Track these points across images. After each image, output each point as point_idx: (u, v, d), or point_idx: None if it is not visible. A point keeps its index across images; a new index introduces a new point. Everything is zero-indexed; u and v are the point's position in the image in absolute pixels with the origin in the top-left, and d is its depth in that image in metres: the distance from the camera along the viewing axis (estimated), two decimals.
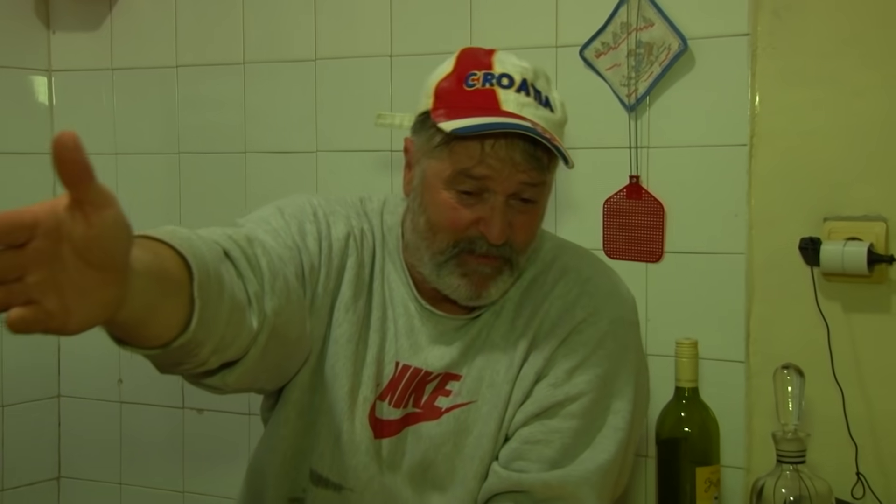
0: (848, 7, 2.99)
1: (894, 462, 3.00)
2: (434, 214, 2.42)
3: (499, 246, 2.42)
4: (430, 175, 2.41)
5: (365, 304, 2.53)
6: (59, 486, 4.09)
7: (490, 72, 2.42)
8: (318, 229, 2.48)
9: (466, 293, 2.43)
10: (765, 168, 3.11)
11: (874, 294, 3.00)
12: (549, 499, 2.43)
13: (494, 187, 2.37)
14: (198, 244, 1.87)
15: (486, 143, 2.33)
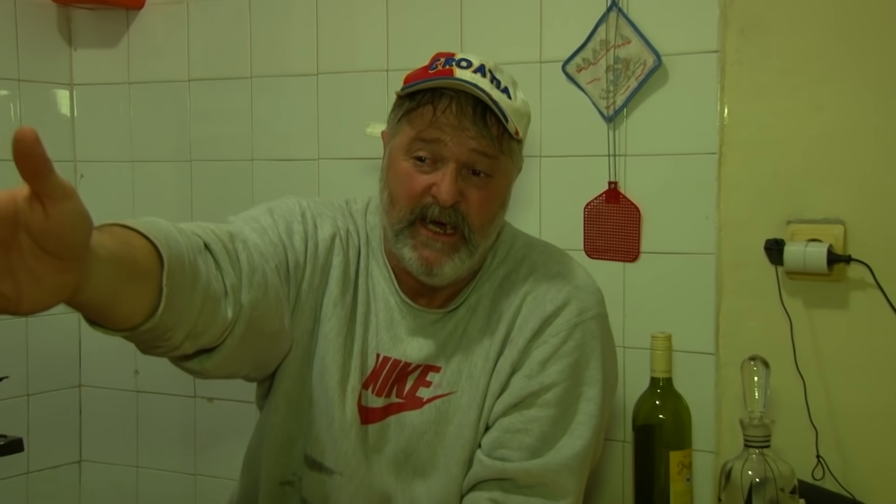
0: (808, 26, 3.01)
1: (852, 446, 3.01)
2: (394, 186, 2.48)
3: (449, 211, 2.42)
4: (393, 151, 2.50)
5: (351, 299, 2.55)
6: (81, 468, 4.10)
7: (451, 57, 2.49)
8: (305, 229, 2.51)
9: (417, 266, 2.45)
10: (733, 175, 3.13)
11: (833, 291, 3.01)
12: (532, 485, 2.46)
13: (446, 153, 2.41)
14: (174, 235, 1.89)
15: (438, 107, 2.40)
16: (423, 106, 2.43)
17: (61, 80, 4.01)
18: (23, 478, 3.91)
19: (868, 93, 2.97)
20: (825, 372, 3.04)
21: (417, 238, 2.45)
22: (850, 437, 3.03)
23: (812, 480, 2.99)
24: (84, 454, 4.13)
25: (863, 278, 2.98)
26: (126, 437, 4.07)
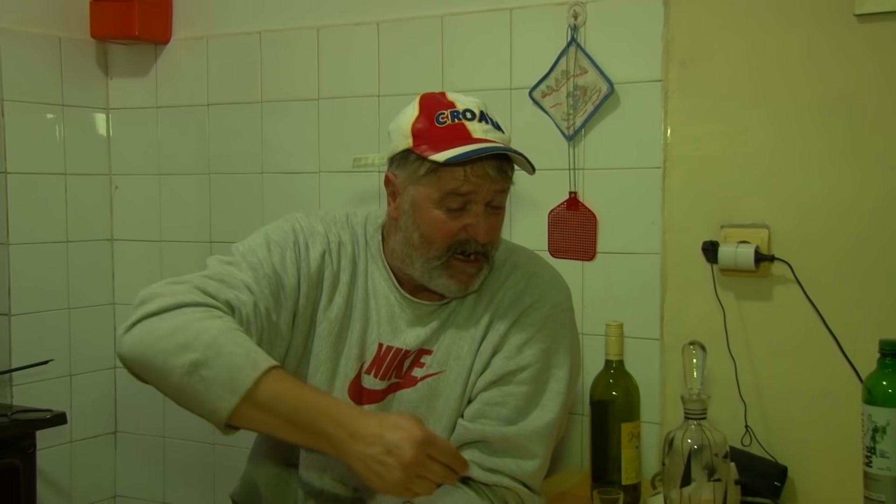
0: (737, 61, 3.05)
1: (775, 417, 3.05)
2: (427, 229, 2.46)
3: (484, 245, 2.48)
4: (419, 199, 2.45)
5: (345, 300, 2.56)
6: (116, 438, 4.15)
7: (455, 109, 2.46)
8: (297, 254, 2.52)
9: (456, 289, 2.50)
10: (675, 186, 3.16)
11: (759, 286, 3.05)
12: (506, 448, 2.49)
13: (475, 199, 2.43)
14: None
15: (467, 166, 2.39)
16: (455, 168, 2.41)
17: (99, 104, 4.04)
18: (66, 446, 3.94)
19: (788, 116, 3.01)
20: (753, 354, 3.08)
21: (454, 269, 2.48)
22: (774, 409, 3.07)
23: (741, 446, 3.03)
24: (119, 426, 4.17)
25: (784, 275, 3.01)
26: (154, 411, 4.06)
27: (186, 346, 2.18)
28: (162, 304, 2.26)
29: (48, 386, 3.84)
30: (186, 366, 2.17)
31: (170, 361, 2.19)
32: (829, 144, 2.98)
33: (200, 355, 2.17)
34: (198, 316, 2.24)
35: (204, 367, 2.17)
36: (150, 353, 2.22)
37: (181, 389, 2.20)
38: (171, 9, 3.96)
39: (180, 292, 2.30)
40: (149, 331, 2.23)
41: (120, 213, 4.11)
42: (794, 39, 3.00)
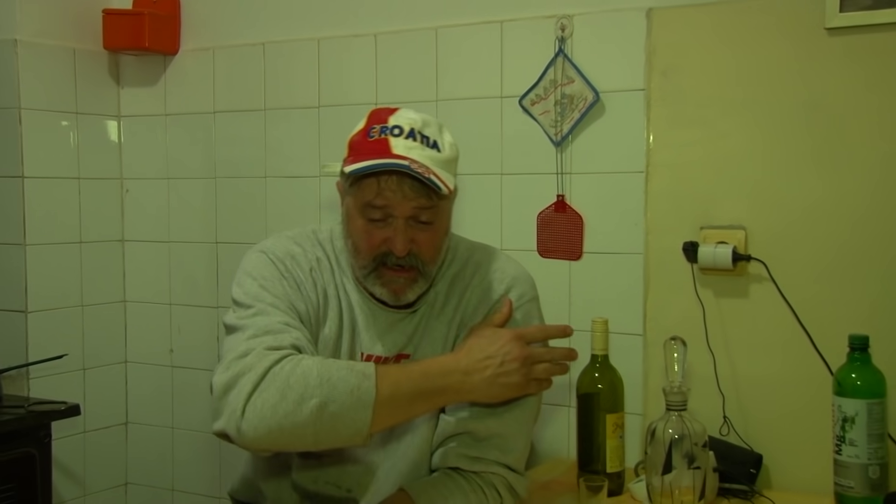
0: (714, 71, 3.07)
1: (751, 408, 3.07)
2: (355, 238, 2.48)
3: (405, 258, 2.44)
4: (349, 207, 2.48)
5: (336, 314, 2.55)
6: (127, 429, 4.18)
7: (385, 125, 2.44)
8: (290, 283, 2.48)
9: (388, 296, 2.49)
10: (657, 189, 3.17)
11: (737, 284, 3.07)
12: (489, 437, 2.51)
13: (394, 212, 2.40)
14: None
15: (381, 179, 2.37)
16: (369, 178, 2.40)
17: (111, 112, 4.06)
18: (80, 436, 3.97)
19: (763, 124, 3.03)
20: (730, 349, 3.10)
21: (383, 277, 2.47)
22: (750, 401, 3.08)
23: (720, 436, 3.05)
24: (130, 417, 4.19)
25: (760, 273, 3.02)
26: (163, 403, 4.12)
27: (302, 397, 2.18)
28: (253, 379, 2.21)
29: (63, 379, 3.86)
30: (314, 412, 2.18)
31: (298, 419, 2.18)
32: (801, 150, 2.99)
33: (320, 397, 2.19)
34: (288, 368, 2.22)
35: (329, 405, 2.19)
36: (275, 423, 2.18)
37: (318, 433, 2.21)
38: (180, 22, 3.98)
39: (256, 361, 2.25)
40: (261, 406, 2.19)
41: (130, 215, 4.14)
42: (768, 51, 3.02)
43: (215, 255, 3.99)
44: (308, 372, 2.21)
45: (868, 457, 2.66)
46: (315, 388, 2.19)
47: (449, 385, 2.38)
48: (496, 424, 2.52)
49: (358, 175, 2.39)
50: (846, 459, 2.68)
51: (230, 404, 2.22)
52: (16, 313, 3.78)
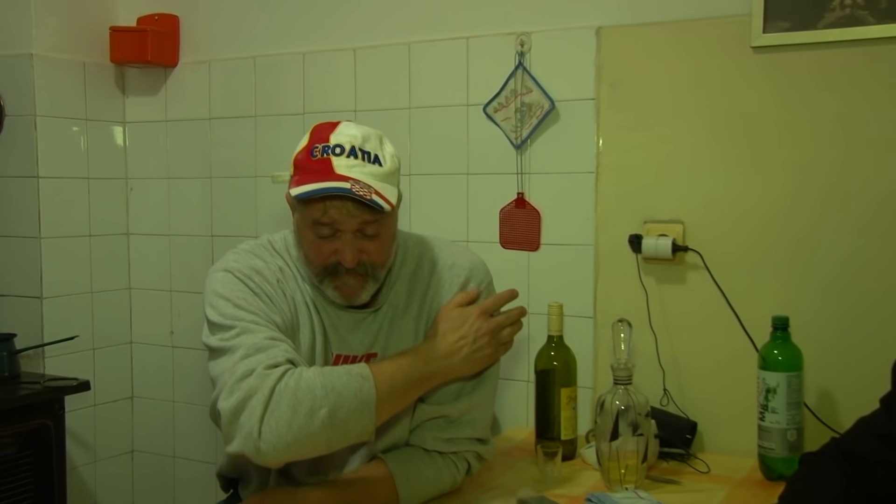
0: (656, 84, 3.11)
1: (687, 382, 3.12)
2: (307, 249, 2.44)
3: (354, 268, 2.40)
4: (299, 222, 2.44)
5: (307, 320, 2.51)
6: (133, 403, 4.21)
7: (327, 144, 2.38)
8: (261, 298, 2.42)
9: (341, 299, 2.46)
10: (606, 188, 3.21)
11: (676, 272, 3.12)
12: (459, 417, 2.55)
13: (342, 227, 2.36)
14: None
15: (326, 201, 2.32)
16: (314, 199, 2.35)
17: (117, 119, 4.08)
18: (90, 409, 4.00)
19: (698, 130, 3.07)
20: (670, 330, 3.15)
21: (336, 282, 2.44)
22: (687, 375, 3.14)
23: (660, 406, 3.10)
24: (135, 392, 4.22)
25: (696, 262, 3.07)
26: (165, 380, 4.15)
27: (312, 409, 2.19)
28: (262, 399, 2.19)
29: (74, 358, 3.89)
30: (325, 421, 2.20)
31: (311, 430, 2.19)
32: (732, 154, 3.04)
33: (328, 406, 2.21)
34: (293, 384, 2.21)
35: (338, 411, 2.22)
36: (291, 438, 2.18)
37: (330, 439, 2.24)
38: (179, 37, 3.99)
39: (260, 382, 2.22)
40: (276, 425, 2.18)
41: (134, 211, 4.16)
42: (702, 66, 3.06)
43: (211, 247, 4.00)
44: (312, 384, 2.22)
45: (787, 422, 2.72)
46: (322, 399, 2.21)
47: (435, 371, 2.45)
48: (466, 405, 2.57)
49: (297, 198, 2.34)
50: (768, 425, 2.74)
51: (243, 427, 2.19)
52: (32, 299, 3.80)
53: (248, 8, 3.89)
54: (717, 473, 2.84)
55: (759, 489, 2.70)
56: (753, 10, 2.95)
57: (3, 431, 3.34)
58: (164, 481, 4.23)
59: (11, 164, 3.82)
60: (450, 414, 2.54)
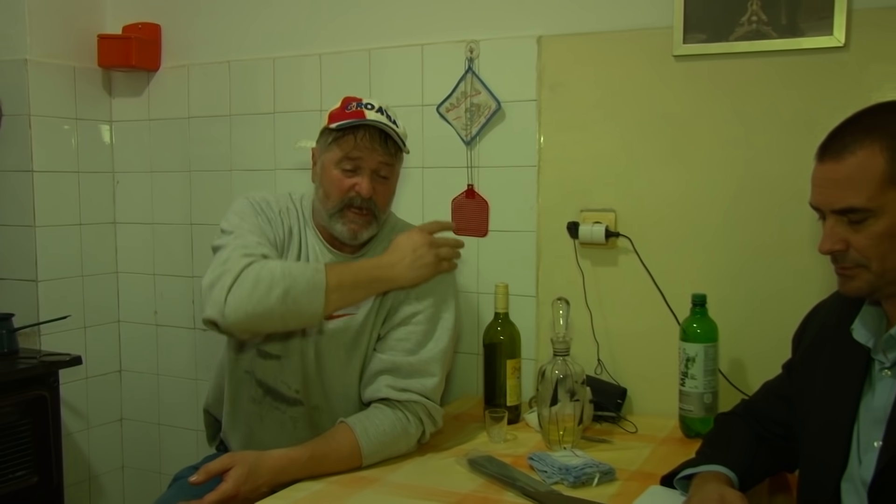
0: (591, 86, 3.16)
1: (618, 352, 3.20)
2: (328, 185, 2.70)
3: (367, 200, 2.67)
4: (326, 162, 2.70)
5: (296, 250, 2.75)
6: (121, 376, 4.22)
7: (360, 102, 2.71)
8: (262, 217, 2.73)
9: (348, 234, 2.70)
10: (547, 180, 3.27)
11: (608, 255, 3.18)
12: (411, 372, 2.67)
13: (363, 165, 2.67)
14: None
15: (357, 136, 2.65)
16: (347, 136, 2.64)
17: (104, 118, 4.08)
18: (83, 381, 4.02)
19: (627, 129, 3.12)
20: (603, 307, 3.21)
21: (346, 218, 2.68)
22: (618, 347, 3.20)
23: (594, 375, 3.15)
24: (122, 366, 4.23)
25: (626, 247, 3.13)
26: (150, 354, 4.16)
27: (270, 286, 2.43)
28: (232, 276, 2.46)
29: (67, 335, 3.91)
30: (280, 297, 2.43)
31: (268, 303, 2.43)
32: (656, 149, 3.10)
33: (283, 286, 2.43)
34: (258, 267, 2.46)
35: (291, 290, 2.44)
36: (250, 307, 2.43)
37: (284, 314, 2.45)
38: (161, 44, 4.00)
39: (233, 264, 2.49)
40: (239, 294, 2.44)
41: (121, 202, 4.17)
42: (631, 71, 3.11)
43: (190, 235, 4.02)
44: (273, 269, 2.46)
45: (704, 387, 2.81)
46: (280, 279, 2.43)
47: (380, 275, 2.64)
48: (417, 361, 2.68)
49: (340, 131, 2.65)
50: (688, 390, 2.83)
51: (214, 297, 2.46)
52: (28, 282, 3.81)
53: (223, 17, 3.90)
54: (643, 433, 2.91)
55: (679, 446, 2.77)
56: (675, 24, 3.00)
57: (3, 401, 3.36)
58: (150, 446, 4.24)
59: (8, 160, 3.82)
60: (401, 366, 2.65)
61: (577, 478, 2.43)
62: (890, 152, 1.87)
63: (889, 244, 1.90)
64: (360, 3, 3.62)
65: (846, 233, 1.94)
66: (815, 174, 1.99)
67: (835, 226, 1.96)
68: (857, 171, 1.89)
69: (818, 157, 1.98)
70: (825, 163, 1.95)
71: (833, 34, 2.81)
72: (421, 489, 2.40)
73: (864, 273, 1.95)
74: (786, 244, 2.95)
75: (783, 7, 2.87)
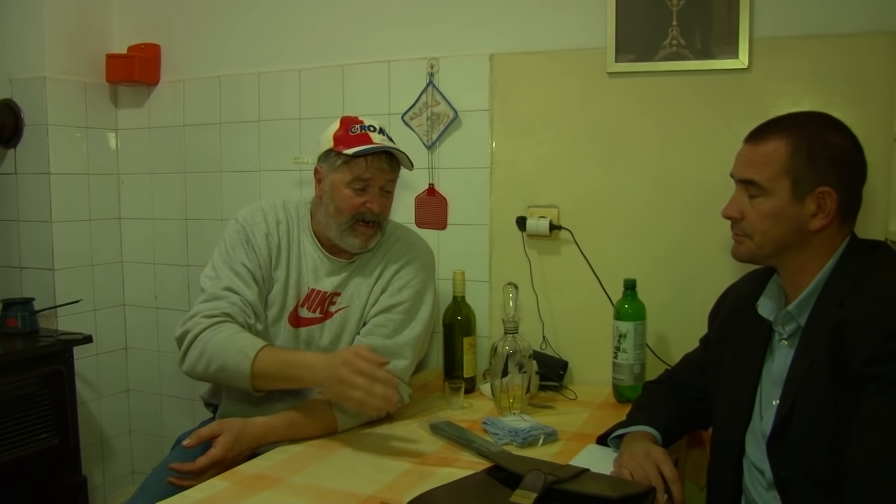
0: (536, 97, 3.17)
1: (561, 330, 3.21)
2: (340, 203, 2.64)
3: (378, 216, 2.65)
4: (336, 182, 2.64)
5: (286, 263, 2.70)
6: (127, 353, 4.22)
7: (363, 124, 2.66)
8: (248, 248, 2.69)
9: (359, 246, 2.67)
10: (498, 180, 3.27)
11: (552, 246, 3.18)
12: (385, 353, 2.57)
13: (373, 183, 2.63)
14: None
15: (368, 159, 2.61)
16: (358, 159, 2.60)
17: (111, 126, 4.07)
18: (94, 357, 4.02)
19: (568, 135, 3.14)
20: (548, 290, 3.22)
21: (357, 231, 2.66)
22: (560, 325, 3.22)
23: (540, 350, 3.17)
24: (128, 344, 4.23)
25: (568, 238, 3.15)
26: (151, 334, 4.16)
27: (209, 360, 2.49)
28: (190, 339, 2.54)
29: (80, 317, 3.91)
30: (214, 372, 2.48)
31: (208, 373, 2.51)
32: (593, 153, 3.11)
33: (218, 364, 2.46)
34: (207, 337, 2.50)
35: (223, 370, 2.47)
36: (197, 372, 2.54)
37: (225, 382, 2.54)
38: (160, 62, 3.99)
39: (195, 325, 2.54)
40: (188, 361, 2.55)
41: (125, 200, 4.15)
42: (571, 85, 3.12)
43: (185, 229, 4.01)
44: (218, 344, 2.48)
45: (634, 359, 2.84)
46: (217, 357, 2.47)
47: (303, 375, 2.45)
48: (392, 344, 2.66)
49: (348, 159, 2.61)
50: (620, 362, 2.85)
51: (180, 350, 2.58)
52: (46, 271, 3.82)
53: (214, 38, 3.88)
54: (582, 400, 2.93)
55: (612, 410, 2.80)
56: (608, 45, 3.02)
57: (26, 374, 3.37)
58: (153, 413, 4.23)
59: (29, 164, 3.82)
60: (378, 348, 2.60)
61: (525, 439, 2.45)
62: (791, 149, 1.99)
63: (771, 223, 2.03)
64: (335, 25, 3.60)
65: (744, 205, 2.07)
66: (740, 151, 2.12)
67: (738, 196, 2.09)
68: (765, 156, 2.02)
69: (746, 139, 2.11)
70: (748, 143, 2.10)
71: (738, 57, 2.87)
72: (390, 450, 2.41)
73: (747, 241, 2.09)
74: (701, 235, 2.97)
75: (698, 33, 2.91)
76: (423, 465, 2.31)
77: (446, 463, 2.32)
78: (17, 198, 3.88)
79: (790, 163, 2.00)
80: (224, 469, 2.31)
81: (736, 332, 2.23)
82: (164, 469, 2.53)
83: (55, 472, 3.49)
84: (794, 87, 2.82)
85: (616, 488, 1.96)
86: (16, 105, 3.82)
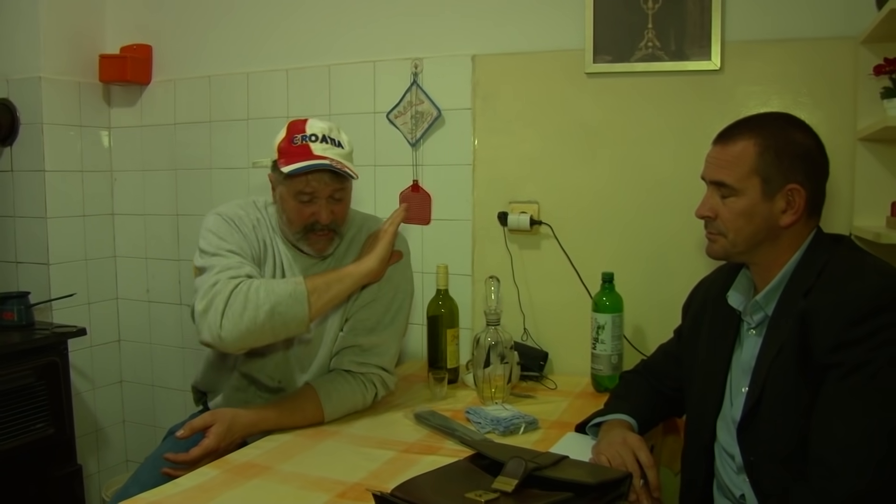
0: (517, 97, 3.19)
1: (541, 322, 3.22)
2: (290, 214, 2.57)
3: (328, 224, 2.55)
4: (283, 193, 2.57)
5: (271, 260, 2.64)
6: (120, 345, 4.21)
7: (304, 133, 2.54)
8: (238, 234, 2.60)
9: (315, 253, 2.62)
10: (480, 176, 3.28)
11: (533, 240, 3.20)
12: (371, 347, 2.64)
13: (318, 195, 2.52)
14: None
15: (309, 175, 2.49)
16: (299, 175, 2.50)
17: (104, 125, 4.06)
18: (88, 349, 4.01)
19: (548, 134, 3.16)
20: (529, 284, 3.24)
21: (310, 240, 2.59)
22: (540, 317, 3.23)
23: (521, 341, 3.18)
24: (121, 336, 4.22)
25: (548, 233, 3.16)
26: (143, 327, 4.15)
27: (258, 306, 2.37)
28: (223, 299, 2.38)
29: (74, 310, 3.89)
30: (267, 314, 2.37)
31: (258, 321, 2.38)
32: (572, 151, 3.13)
33: (269, 304, 2.37)
34: (245, 288, 2.38)
35: (277, 307, 2.38)
36: (243, 326, 2.36)
37: (274, 328, 2.40)
38: (152, 62, 3.99)
39: (222, 287, 2.41)
40: (231, 317, 2.37)
41: (118, 196, 4.14)
42: (551, 85, 3.14)
43: (176, 224, 4.01)
44: (258, 289, 2.37)
45: (611, 350, 2.85)
46: (264, 299, 2.37)
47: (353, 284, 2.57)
48: (377, 339, 2.64)
49: (290, 174, 2.48)
50: (599, 352, 2.87)
51: (209, 321, 2.37)
52: (41, 265, 3.81)
53: (204, 39, 3.88)
54: (561, 389, 2.95)
55: (591, 399, 2.82)
56: (586, 46, 3.05)
57: (22, 366, 3.35)
58: (145, 403, 4.23)
59: (25, 161, 3.81)
60: (362, 343, 2.62)
61: (507, 428, 2.46)
62: (760, 149, 2.00)
63: (743, 221, 2.04)
64: (322, 26, 3.60)
65: (717, 204, 2.08)
66: (709, 153, 2.11)
67: (710, 196, 2.10)
68: (734, 157, 2.03)
69: (714, 141, 2.11)
70: (717, 145, 2.10)
71: (711, 59, 2.89)
72: (375, 439, 2.41)
73: (721, 240, 2.09)
74: (675, 230, 3.00)
75: (672, 36, 2.93)
76: (407, 453, 2.31)
77: (430, 451, 2.32)
78: (13, 194, 3.86)
79: (759, 162, 2.01)
80: (217, 458, 2.30)
81: (707, 323, 2.25)
82: (156, 458, 2.52)
83: (51, 461, 3.48)
84: (764, 89, 2.85)
85: (594, 474, 1.97)
86: (12, 104, 3.81)
